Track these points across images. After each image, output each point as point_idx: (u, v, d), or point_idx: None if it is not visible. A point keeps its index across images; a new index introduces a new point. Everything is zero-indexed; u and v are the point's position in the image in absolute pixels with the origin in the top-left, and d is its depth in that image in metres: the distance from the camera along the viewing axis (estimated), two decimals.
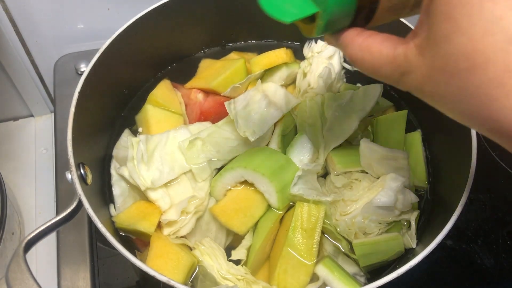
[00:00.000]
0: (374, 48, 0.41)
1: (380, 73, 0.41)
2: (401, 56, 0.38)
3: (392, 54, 0.39)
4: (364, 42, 0.42)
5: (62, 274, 0.78)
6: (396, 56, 0.39)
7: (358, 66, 0.43)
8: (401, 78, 0.39)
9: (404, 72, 0.39)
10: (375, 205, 0.70)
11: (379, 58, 0.40)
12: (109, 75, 0.79)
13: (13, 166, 1.03)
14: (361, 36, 0.43)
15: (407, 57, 0.38)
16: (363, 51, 0.42)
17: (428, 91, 0.38)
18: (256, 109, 0.79)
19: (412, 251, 0.72)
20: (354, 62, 0.43)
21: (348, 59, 0.44)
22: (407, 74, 0.38)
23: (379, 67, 0.41)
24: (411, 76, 0.38)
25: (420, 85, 0.38)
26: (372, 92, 0.81)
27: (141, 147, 0.74)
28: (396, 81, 0.40)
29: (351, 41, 0.43)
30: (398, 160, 0.74)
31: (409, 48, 0.38)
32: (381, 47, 0.40)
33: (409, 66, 0.38)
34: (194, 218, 0.74)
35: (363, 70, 0.43)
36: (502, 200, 0.88)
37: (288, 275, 0.68)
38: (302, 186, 0.72)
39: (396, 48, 0.39)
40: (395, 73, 0.39)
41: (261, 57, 0.90)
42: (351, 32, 0.44)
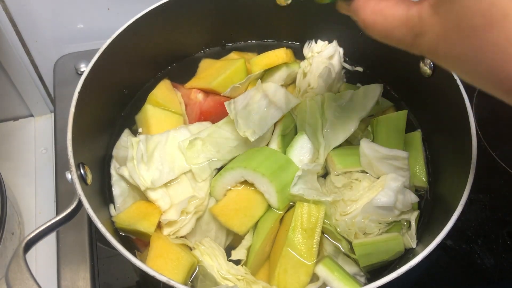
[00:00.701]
0: (387, 11, 0.41)
1: (393, 37, 0.41)
2: (415, 17, 0.38)
3: (405, 16, 0.39)
4: (376, 5, 0.42)
5: (62, 274, 0.78)
6: (410, 17, 0.38)
7: (371, 30, 0.42)
8: (415, 41, 0.39)
9: (418, 33, 0.38)
10: (375, 205, 0.70)
11: (392, 20, 0.40)
12: (109, 75, 0.79)
13: (13, 166, 1.03)
14: (373, 0, 0.42)
15: (421, 17, 0.37)
16: (376, 14, 0.41)
17: (443, 52, 0.37)
18: (256, 109, 0.79)
19: (412, 251, 0.72)
20: (366, 26, 0.43)
21: (361, 25, 0.44)
22: (421, 36, 0.38)
23: (392, 30, 0.40)
24: (425, 38, 0.37)
25: (434, 47, 0.37)
26: (372, 92, 0.81)
27: (141, 147, 0.74)
28: (409, 44, 0.40)
29: (363, 5, 0.43)
30: (398, 160, 0.74)
31: (423, 8, 0.37)
32: (394, 10, 0.40)
33: (423, 27, 0.37)
34: (194, 218, 0.74)
35: (375, 35, 0.42)
36: (502, 200, 0.88)
37: (288, 275, 0.68)
38: (302, 186, 0.72)
39: (409, 10, 0.39)
40: (409, 35, 0.39)
41: (261, 57, 0.90)
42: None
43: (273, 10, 0.92)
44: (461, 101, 0.71)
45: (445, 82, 0.74)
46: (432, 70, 0.78)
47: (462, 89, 0.71)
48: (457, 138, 0.73)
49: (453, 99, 0.73)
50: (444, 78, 0.75)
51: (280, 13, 0.92)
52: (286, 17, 0.93)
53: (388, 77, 0.91)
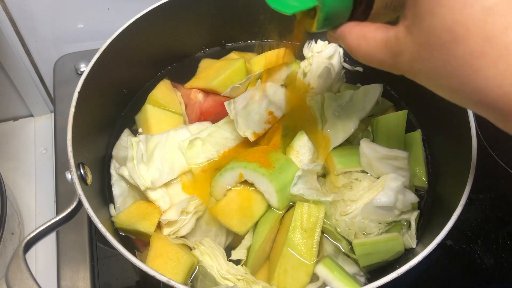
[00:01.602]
0: (369, 35, 0.43)
1: (375, 58, 0.43)
2: (392, 39, 0.40)
3: (384, 38, 0.41)
4: (360, 30, 0.45)
5: (62, 274, 0.78)
6: (388, 39, 0.41)
7: (355, 53, 0.45)
8: (394, 60, 0.41)
9: (396, 54, 0.40)
10: (375, 205, 0.70)
11: (373, 43, 0.43)
12: (109, 75, 0.79)
13: (13, 166, 1.03)
14: (357, 26, 0.46)
15: (398, 38, 0.40)
16: (359, 39, 0.44)
17: (417, 69, 0.39)
18: (256, 109, 0.79)
19: (412, 251, 0.72)
20: (351, 50, 0.46)
21: (347, 49, 0.47)
22: (398, 56, 0.40)
23: (374, 52, 0.43)
24: (402, 57, 0.40)
25: (410, 64, 0.39)
26: (372, 92, 0.81)
27: (141, 147, 0.74)
28: (390, 65, 0.42)
29: (349, 32, 0.46)
30: (398, 160, 0.74)
31: (399, 30, 0.40)
32: (375, 33, 0.43)
33: (399, 47, 0.40)
34: (194, 218, 0.74)
35: (360, 57, 0.45)
36: (502, 200, 0.88)
37: (288, 275, 0.68)
38: (302, 186, 0.72)
39: (388, 32, 0.41)
40: (389, 56, 0.41)
41: (261, 57, 0.90)
42: (349, 24, 0.47)
43: (273, 10, 0.91)
44: None
45: None
46: None
47: None
48: (457, 138, 0.73)
49: None
50: None
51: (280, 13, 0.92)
52: (286, 17, 0.93)
53: (388, 77, 0.91)
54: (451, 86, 0.36)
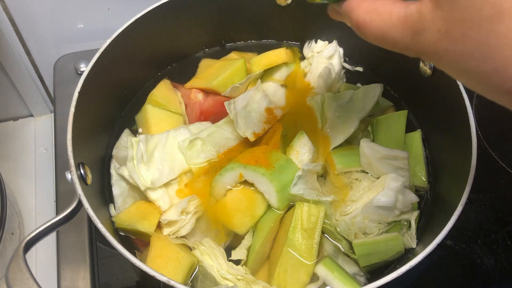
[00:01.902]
0: (383, 9, 0.38)
1: (388, 37, 0.38)
2: (414, 14, 0.36)
3: (403, 14, 0.37)
4: (371, 4, 0.39)
5: (62, 274, 0.78)
6: (408, 15, 0.36)
7: (365, 31, 0.40)
8: (413, 39, 0.36)
9: (417, 31, 0.36)
10: (375, 205, 0.70)
11: (389, 19, 0.38)
12: (109, 75, 0.79)
13: (13, 166, 1.03)
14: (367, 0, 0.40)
15: (421, 14, 0.35)
16: (371, 13, 0.39)
17: (443, 49, 0.34)
18: (256, 109, 0.79)
19: (412, 251, 0.72)
20: (360, 27, 0.40)
21: (353, 26, 0.42)
22: (420, 33, 0.35)
23: (388, 29, 0.38)
24: (425, 35, 0.35)
25: (434, 44, 0.35)
26: (372, 92, 0.81)
27: (141, 147, 0.74)
28: (406, 45, 0.37)
29: (357, 5, 0.40)
30: (398, 160, 0.74)
31: (423, 4, 0.35)
32: (391, 8, 0.38)
33: (423, 24, 0.35)
34: (194, 218, 0.74)
35: (370, 36, 0.40)
36: (502, 200, 0.88)
37: (288, 275, 0.68)
38: (302, 186, 0.72)
39: (408, 7, 0.36)
40: (406, 34, 0.37)
41: (261, 57, 0.90)
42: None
43: (273, 10, 0.92)
44: (461, 101, 0.71)
45: (445, 82, 0.74)
46: (432, 70, 0.78)
47: (462, 89, 0.71)
48: (457, 138, 0.73)
49: (453, 99, 0.73)
50: (444, 78, 0.74)
51: (280, 13, 0.92)
52: (286, 17, 0.93)
53: (388, 77, 0.91)
54: (483, 70, 0.32)
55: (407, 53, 0.38)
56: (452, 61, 0.34)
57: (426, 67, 0.78)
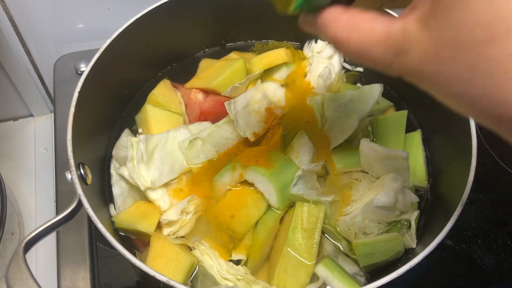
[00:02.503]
0: (363, 25, 0.35)
1: (369, 55, 0.36)
2: (398, 33, 0.33)
3: (385, 32, 0.34)
4: (351, 19, 0.36)
5: (62, 274, 0.78)
6: (391, 33, 0.34)
7: (343, 47, 0.37)
8: (395, 59, 0.34)
9: (400, 51, 0.33)
10: (375, 205, 0.70)
11: (369, 36, 0.35)
12: (109, 75, 0.79)
13: (13, 166, 1.03)
14: (347, 13, 0.37)
15: (406, 33, 0.33)
16: (350, 29, 0.36)
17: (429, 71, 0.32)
18: (256, 109, 0.79)
19: (412, 251, 0.72)
20: (338, 43, 0.37)
21: (330, 41, 0.38)
22: (403, 54, 0.33)
23: (369, 47, 0.35)
24: (409, 55, 0.33)
25: (419, 65, 0.33)
26: (372, 92, 0.81)
27: (141, 147, 0.74)
28: (388, 64, 0.35)
29: (336, 19, 0.37)
30: (398, 160, 0.74)
31: (408, 22, 0.33)
32: (372, 24, 0.35)
33: (407, 43, 0.33)
34: (194, 218, 0.74)
35: (348, 53, 0.37)
36: (502, 200, 0.88)
37: (288, 275, 0.68)
38: (302, 186, 0.72)
39: (391, 25, 0.34)
40: (388, 53, 0.34)
41: (261, 57, 0.90)
42: (334, 9, 0.38)
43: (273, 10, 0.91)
44: None
45: None
46: None
47: None
48: (457, 138, 0.73)
49: None
50: None
51: None
52: (286, 17, 0.93)
53: (388, 77, 0.90)
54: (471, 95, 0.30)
55: (388, 72, 0.36)
56: (439, 83, 0.32)
57: None
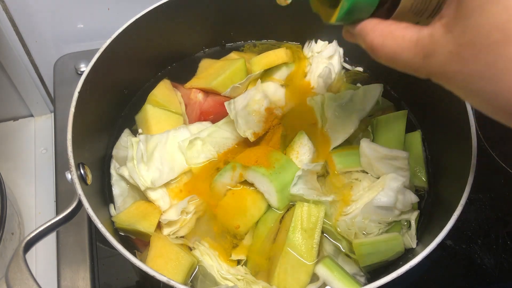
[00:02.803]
0: (397, 33, 0.41)
1: (401, 59, 0.40)
2: (426, 38, 0.38)
3: (416, 37, 0.39)
4: (386, 28, 0.42)
5: (62, 274, 0.78)
6: (421, 38, 0.38)
7: (377, 52, 0.42)
8: (424, 61, 0.38)
9: (428, 54, 0.38)
10: (375, 205, 0.70)
11: (401, 42, 0.40)
12: (109, 75, 0.79)
13: (13, 166, 1.03)
14: (382, 23, 0.43)
15: (433, 37, 0.37)
16: (385, 36, 0.41)
17: (453, 70, 0.36)
18: (256, 109, 0.79)
19: (412, 251, 0.72)
20: (374, 49, 0.43)
21: (367, 47, 0.44)
22: (431, 56, 0.38)
23: (400, 51, 0.40)
24: (435, 57, 0.37)
25: (444, 66, 0.37)
26: (372, 92, 0.81)
27: (141, 147, 0.74)
28: (417, 66, 0.40)
29: (373, 28, 0.43)
30: (398, 160, 0.74)
31: (435, 28, 0.37)
32: (404, 32, 0.40)
33: (434, 46, 0.37)
34: (194, 218, 0.74)
35: (383, 57, 0.42)
36: (502, 200, 0.88)
37: (288, 275, 0.68)
38: (302, 186, 0.72)
39: (420, 31, 0.39)
40: (418, 56, 0.39)
41: (261, 57, 0.90)
42: (372, 20, 0.44)
43: (273, 10, 0.91)
44: (461, 101, 0.71)
45: None
46: None
47: None
48: (457, 138, 0.73)
49: (453, 99, 0.72)
50: None
51: (280, 13, 0.92)
52: (286, 17, 0.93)
53: (388, 77, 0.91)
54: (490, 91, 0.34)
55: (417, 74, 0.40)
56: (461, 81, 0.36)
57: None
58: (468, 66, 0.35)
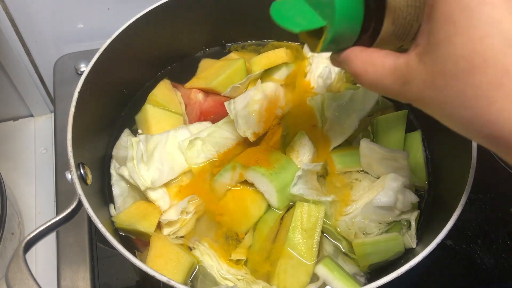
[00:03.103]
0: (377, 61, 0.43)
1: (382, 85, 0.42)
2: (402, 66, 0.40)
3: (393, 65, 0.41)
4: (368, 56, 0.44)
5: (62, 274, 0.78)
6: (398, 66, 0.40)
7: (361, 79, 0.45)
8: (402, 88, 0.40)
9: (405, 81, 0.40)
10: (375, 205, 0.70)
11: (381, 70, 0.42)
12: (109, 75, 0.79)
13: (13, 166, 1.03)
14: (365, 52, 0.45)
15: (408, 66, 0.39)
16: (367, 64, 0.43)
17: (428, 97, 0.38)
18: (256, 109, 0.79)
19: (412, 251, 0.72)
20: (357, 76, 0.45)
21: (352, 74, 0.46)
22: (408, 83, 0.40)
23: (381, 79, 0.42)
24: (412, 85, 0.39)
25: (420, 93, 0.39)
26: (372, 92, 0.81)
27: (141, 147, 0.74)
28: (397, 92, 0.41)
29: (355, 56, 0.45)
30: (398, 160, 0.74)
31: (410, 57, 0.39)
32: (383, 60, 0.42)
33: (410, 75, 0.39)
34: (194, 218, 0.74)
35: (365, 83, 0.44)
36: (502, 200, 0.88)
37: (288, 275, 0.68)
38: (302, 186, 0.72)
39: (397, 59, 0.41)
40: (396, 83, 0.41)
41: (261, 57, 0.90)
42: (355, 49, 0.46)
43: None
44: None
45: None
46: None
47: None
48: (457, 138, 0.72)
49: None
50: None
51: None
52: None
53: None
54: (463, 116, 0.36)
55: (398, 99, 0.43)
56: (437, 108, 0.38)
57: None
58: (442, 93, 0.36)
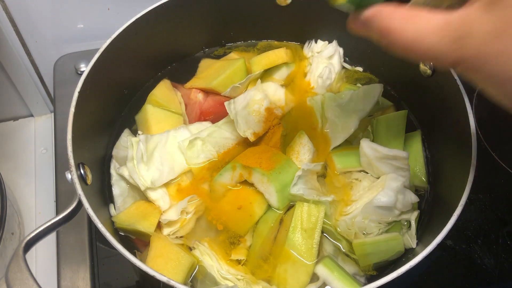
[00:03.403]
0: (421, 17, 0.38)
1: (424, 43, 0.38)
2: (457, 20, 0.36)
3: (444, 20, 0.37)
4: (408, 12, 0.39)
5: (62, 274, 0.78)
6: (451, 21, 0.37)
7: (396, 37, 0.40)
8: (454, 45, 0.36)
9: (461, 36, 0.36)
10: (375, 205, 0.70)
11: (426, 26, 0.38)
12: (109, 75, 0.79)
13: (13, 166, 1.03)
14: (402, 8, 0.40)
15: (466, 19, 0.36)
16: (406, 20, 0.39)
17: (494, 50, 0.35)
18: (256, 109, 0.79)
19: (412, 251, 0.72)
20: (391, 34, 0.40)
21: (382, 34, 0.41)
22: (464, 38, 0.36)
23: (424, 36, 0.38)
24: (469, 39, 0.36)
25: (483, 46, 0.35)
26: (372, 92, 0.81)
27: (141, 147, 0.74)
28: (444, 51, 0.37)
29: (390, 13, 0.40)
30: (398, 160, 0.74)
31: (470, 10, 0.36)
32: (429, 16, 0.38)
33: (469, 28, 0.36)
34: (194, 218, 0.74)
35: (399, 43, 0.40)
36: (502, 200, 0.88)
37: (288, 275, 0.68)
38: (302, 186, 0.72)
39: (449, 15, 0.37)
40: (446, 40, 0.37)
41: (261, 57, 0.90)
42: (388, 6, 0.41)
43: (273, 10, 0.92)
44: (461, 101, 0.71)
45: (445, 82, 0.74)
46: (432, 70, 0.78)
47: (462, 89, 0.71)
48: (457, 138, 0.73)
49: (453, 99, 0.73)
50: (444, 78, 0.75)
51: (280, 13, 0.92)
52: (286, 17, 0.93)
53: (388, 77, 0.91)
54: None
55: (440, 60, 0.38)
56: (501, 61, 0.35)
57: (426, 67, 0.78)
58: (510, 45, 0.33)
